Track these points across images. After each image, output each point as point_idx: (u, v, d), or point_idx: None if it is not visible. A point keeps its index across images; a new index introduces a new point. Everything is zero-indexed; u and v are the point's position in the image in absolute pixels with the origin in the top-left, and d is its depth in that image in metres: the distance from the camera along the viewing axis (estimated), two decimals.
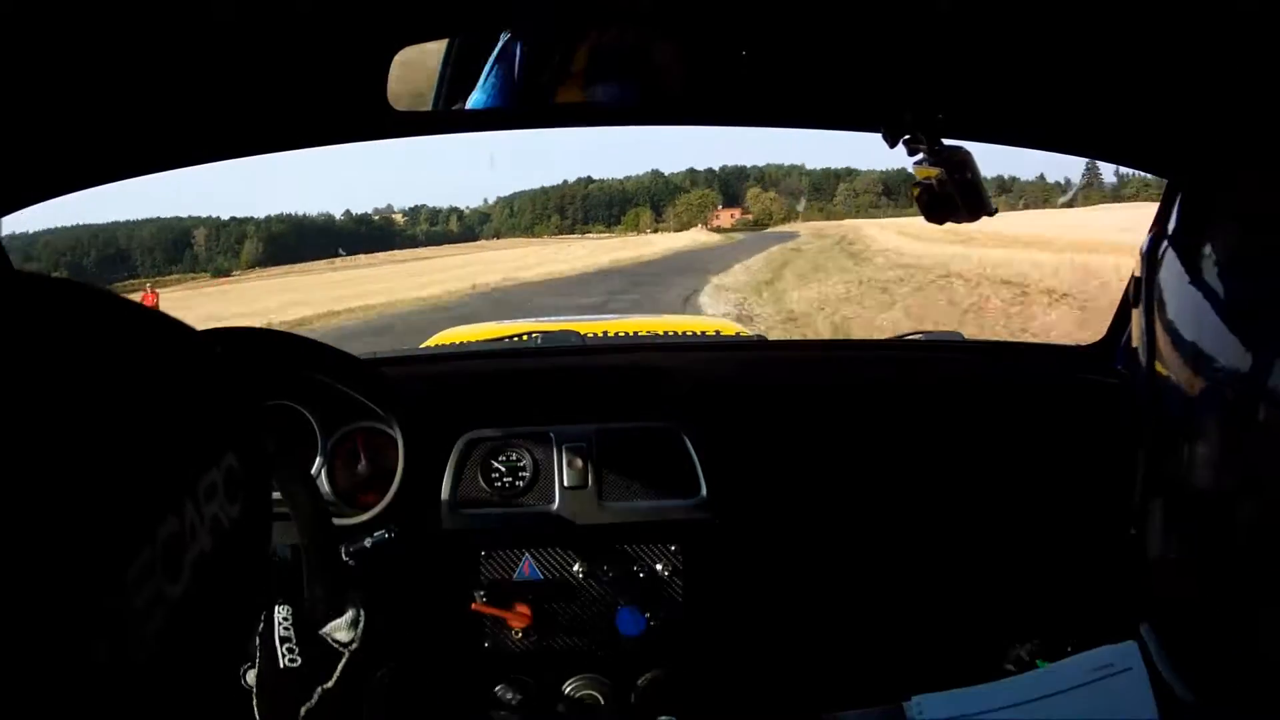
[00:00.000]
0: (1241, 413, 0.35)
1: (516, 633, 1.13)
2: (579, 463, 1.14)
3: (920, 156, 0.92)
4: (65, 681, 0.24)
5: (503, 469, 1.16)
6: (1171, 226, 0.97)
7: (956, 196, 0.91)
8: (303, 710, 0.69)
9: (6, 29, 0.64)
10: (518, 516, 1.14)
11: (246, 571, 0.33)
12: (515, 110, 0.96)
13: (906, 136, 0.91)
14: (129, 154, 0.95)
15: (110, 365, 0.28)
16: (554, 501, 1.14)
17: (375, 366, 1.18)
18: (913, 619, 1.19)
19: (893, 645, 1.19)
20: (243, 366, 0.36)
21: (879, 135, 0.92)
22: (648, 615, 1.13)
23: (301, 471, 0.73)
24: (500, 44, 0.90)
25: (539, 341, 1.86)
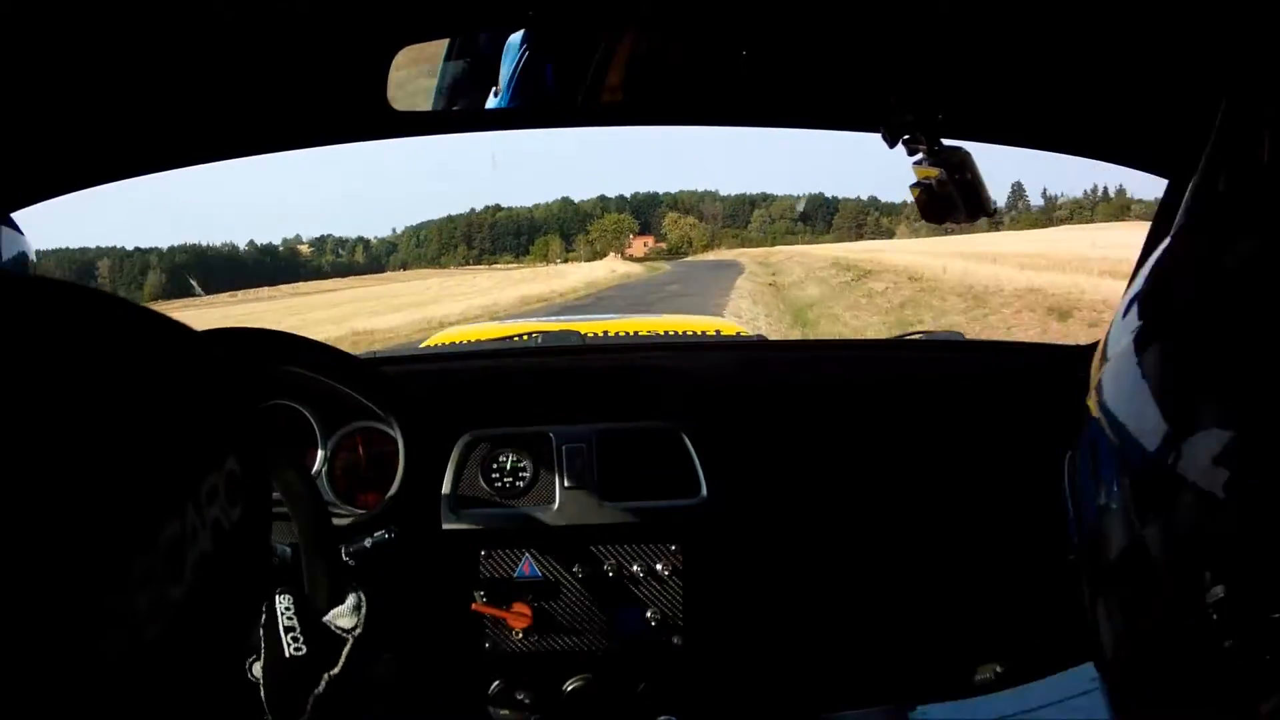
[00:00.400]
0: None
1: (516, 633, 1.13)
2: (579, 463, 1.14)
3: (920, 156, 0.92)
4: (68, 683, 0.24)
5: (503, 469, 1.16)
6: (1173, 226, 0.97)
7: (956, 196, 0.92)
8: (311, 697, 0.70)
9: (7, 29, 0.64)
10: (518, 516, 1.14)
11: (247, 572, 0.33)
12: (514, 110, 0.96)
13: (906, 136, 0.92)
14: (129, 153, 0.95)
15: (113, 366, 0.28)
16: (554, 501, 1.14)
17: (375, 366, 1.19)
18: (913, 618, 1.19)
19: (894, 645, 1.19)
20: (243, 368, 0.36)
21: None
22: (648, 615, 1.13)
23: (302, 472, 0.74)
24: (501, 44, 0.90)
25: (539, 341, 1.86)
